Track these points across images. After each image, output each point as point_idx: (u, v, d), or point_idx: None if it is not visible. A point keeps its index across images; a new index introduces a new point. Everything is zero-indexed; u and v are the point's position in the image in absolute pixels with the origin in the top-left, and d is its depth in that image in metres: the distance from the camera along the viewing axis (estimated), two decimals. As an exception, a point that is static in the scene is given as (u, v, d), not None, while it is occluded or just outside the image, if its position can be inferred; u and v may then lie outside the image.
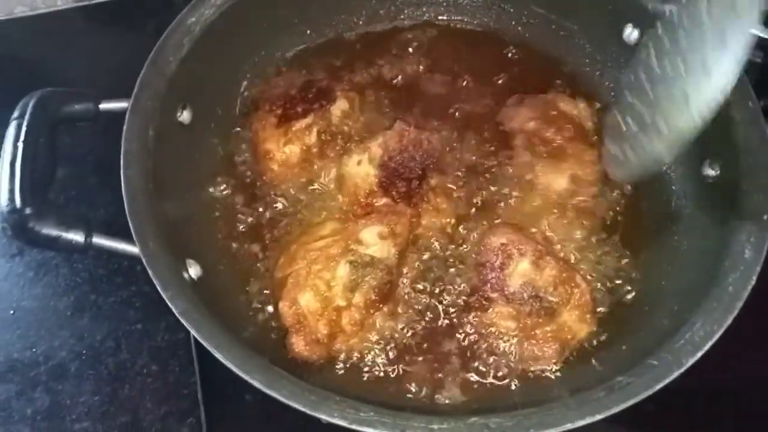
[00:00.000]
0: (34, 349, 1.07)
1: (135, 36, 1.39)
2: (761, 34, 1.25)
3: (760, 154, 0.90)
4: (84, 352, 1.06)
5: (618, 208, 1.05)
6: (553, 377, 0.90)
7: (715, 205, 0.94)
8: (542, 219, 1.01)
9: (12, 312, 1.10)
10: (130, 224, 0.83)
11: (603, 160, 0.96)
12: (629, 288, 0.98)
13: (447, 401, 0.89)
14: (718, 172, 0.96)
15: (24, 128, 0.85)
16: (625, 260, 1.00)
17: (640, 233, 1.03)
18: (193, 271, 0.89)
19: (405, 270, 0.97)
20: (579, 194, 1.01)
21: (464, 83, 1.16)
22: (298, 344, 0.88)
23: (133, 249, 0.82)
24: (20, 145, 0.84)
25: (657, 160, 0.76)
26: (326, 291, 0.89)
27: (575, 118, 1.08)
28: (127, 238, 0.84)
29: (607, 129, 0.91)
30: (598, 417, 0.72)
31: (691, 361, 0.76)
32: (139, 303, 1.10)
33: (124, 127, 0.89)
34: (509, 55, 1.20)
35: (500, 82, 1.17)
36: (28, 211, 0.82)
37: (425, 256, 0.99)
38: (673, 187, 1.05)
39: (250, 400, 1.00)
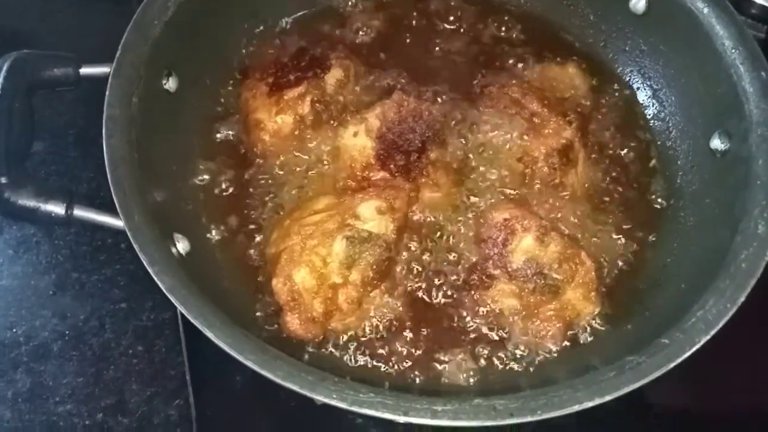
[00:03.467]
0: (14, 329, 1.04)
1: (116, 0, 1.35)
2: (767, 4, 1.24)
3: (773, 126, 0.88)
4: (67, 332, 1.04)
5: (621, 185, 1.03)
6: (558, 357, 0.89)
7: (724, 180, 0.92)
8: (541, 193, 0.98)
9: (-10, 291, 1.06)
10: (114, 195, 0.79)
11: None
12: (635, 266, 0.96)
13: (449, 381, 0.87)
14: (728, 145, 0.94)
15: (-3, 92, 0.81)
16: (630, 237, 0.98)
17: (644, 209, 1.02)
18: (182, 246, 0.86)
19: (403, 246, 0.94)
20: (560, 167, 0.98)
21: (464, 53, 1.13)
22: (293, 323, 0.85)
23: (117, 222, 0.79)
24: (-7, 110, 0.80)
25: None
26: (322, 267, 0.86)
27: (570, 88, 1.06)
28: (111, 211, 0.81)
29: None
30: (608, 398, 0.70)
31: (704, 340, 0.74)
32: (123, 281, 1.08)
33: (107, 93, 0.85)
34: (510, 24, 1.17)
35: (502, 51, 1.14)
36: (3, 180, 0.78)
37: (424, 232, 0.96)
38: (679, 162, 1.03)
39: (241, 380, 0.98)
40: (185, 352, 1.01)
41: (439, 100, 1.04)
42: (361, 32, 1.15)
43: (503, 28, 1.17)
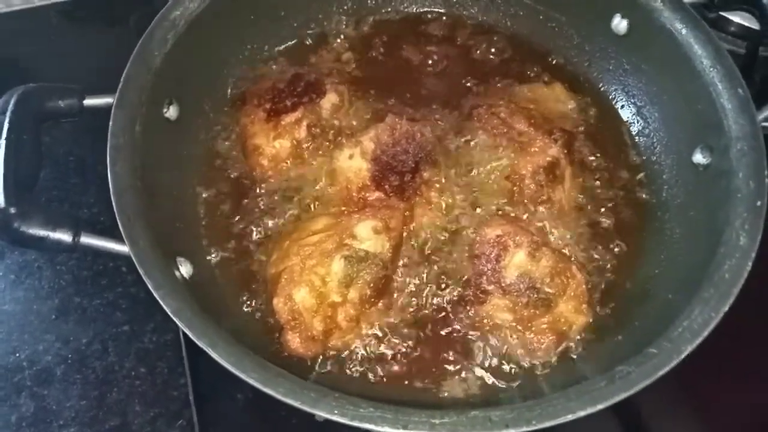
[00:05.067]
0: (17, 354, 1.05)
1: (113, 32, 1.39)
2: (744, 23, 1.29)
3: (750, 140, 0.90)
4: (70, 356, 1.05)
5: (609, 200, 1.05)
6: (552, 368, 0.90)
7: (707, 193, 0.94)
8: (531, 210, 1.00)
9: (-7, 316, 1.07)
10: (119, 222, 0.81)
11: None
12: (624, 278, 0.98)
13: (446, 395, 0.89)
14: (710, 159, 0.96)
15: (6, 125, 0.83)
16: (618, 250, 1.00)
17: (632, 222, 1.04)
18: (184, 269, 0.87)
19: (399, 264, 0.96)
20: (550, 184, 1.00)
21: (453, 75, 1.16)
22: (294, 341, 0.87)
23: (122, 248, 0.81)
24: (2, 142, 0.82)
25: None
26: (321, 287, 0.88)
27: (556, 106, 1.09)
28: (113, 237, 0.82)
29: None
30: (600, 407, 0.72)
31: (690, 349, 0.76)
32: (125, 305, 1.09)
33: (110, 123, 0.87)
34: (497, 46, 1.20)
35: (490, 72, 1.17)
36: (12, 210, 0.79)
37: (419, 250, 0.98)
38: (664, 176, 1.06)
39: (243, 399, 1.00)
40: (188, 372, 1.02)
41: (430, 121, 1.07)
42: (353, 57, 1.17)
43: (491, 50, 1.20)
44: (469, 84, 1.15)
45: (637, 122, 1.12)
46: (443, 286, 0.96)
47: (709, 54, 0.97)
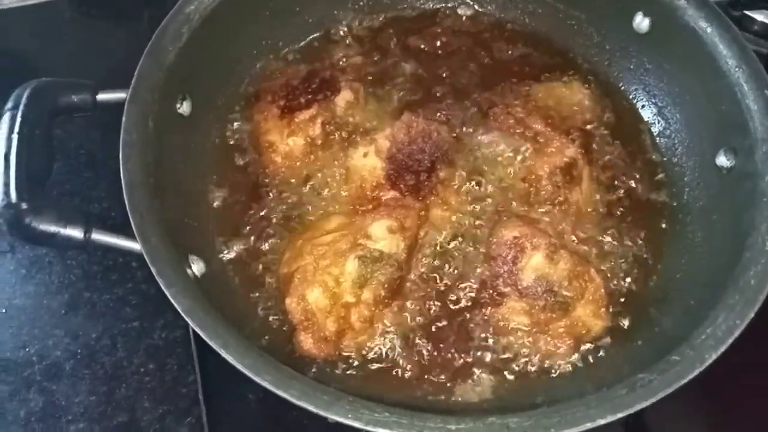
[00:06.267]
0: (27, 349, 1.04)
1: (127, 27, 1.39)
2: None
3: (777, 143, 0.88)
4: (79, 351, 1.04)
5: (628, 202, 1.03)
6: (569, 374, 0.89)
7: (731, 196, 0.93)
8: (548, 211, 0.98)
9: (4, 310, 1.07)
10: (131, 219, 0.80)
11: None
12: (643, 282, 0.96)
13: (459, 399, 0.87)
14: (734, 162, 0.94)
15: (18, 119, 0.82)
16: (638, 253, 0.99)
17: (651, 225, 1.02)
18: (196, 267, 0.86)
19: (414, 265, 0.95)
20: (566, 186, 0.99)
21: (470, 73, 1.15)
22: (306, 342, 0.86)
23: (133, 245, 0.80)
24: (15, 137, 0.81)
25: None
26: (335, 287, 0.87)
27: (574, 106, 1.08)
28: (125, 233, 0.82)
29: None
30: (620, 415, 0.70)
31: (714, 357, 0.74)
32: (135, 300, 1.09)
33: (123, 119, 0.87)
34: (515, 44, 1.19)
35: (507, 71, 1.15)
36: (24, 206, 0.79)
37: (434, 251, 0.96)
38: (686, 178, 1.04)
39: (253, 399, 0.99)
40: (197, 370, 1.01)
41: (446, 120, 1.06)
42: (368, 54, 1.16)
43: (509, 48, 1.18)
44: (486, 82, 1.13)
45: (659, 123, 1.10)
46: (458, 287, 0.94)
47: (734, 54, 0.95)
